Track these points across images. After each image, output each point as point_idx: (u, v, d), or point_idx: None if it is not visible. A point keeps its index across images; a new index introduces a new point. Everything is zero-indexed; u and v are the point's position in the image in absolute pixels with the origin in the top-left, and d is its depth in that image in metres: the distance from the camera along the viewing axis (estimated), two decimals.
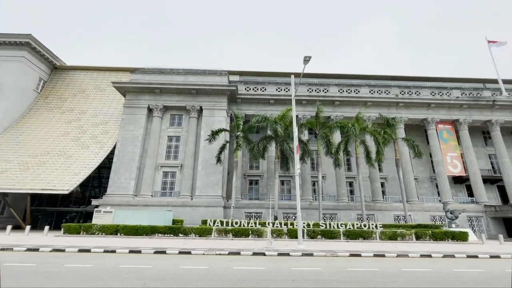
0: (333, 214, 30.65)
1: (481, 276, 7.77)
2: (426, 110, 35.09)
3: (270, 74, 41.04)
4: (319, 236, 18.94)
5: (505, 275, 8.01)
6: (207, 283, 5.96)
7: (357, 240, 18.71)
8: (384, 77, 42.22)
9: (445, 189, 31.90)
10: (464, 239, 19.12)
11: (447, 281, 6.75)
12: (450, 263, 10.19)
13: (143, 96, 32.07)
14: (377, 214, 30.38)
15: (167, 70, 33.60)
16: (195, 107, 31.83)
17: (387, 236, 18.86)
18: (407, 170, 32.55)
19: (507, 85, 40.10)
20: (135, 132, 30.62)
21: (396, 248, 14.93)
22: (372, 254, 11.98)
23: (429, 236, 19.08)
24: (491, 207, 30.23)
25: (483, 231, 30.19)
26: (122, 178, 28.81)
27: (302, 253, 11.86)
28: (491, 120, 34.60)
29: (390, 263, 9.92)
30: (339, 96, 34.69)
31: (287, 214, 30.62)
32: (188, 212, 27.70)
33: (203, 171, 29.49)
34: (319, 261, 10.19)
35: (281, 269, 8.12)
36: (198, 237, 18.64)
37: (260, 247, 13.47)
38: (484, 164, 36.89)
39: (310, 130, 32.98)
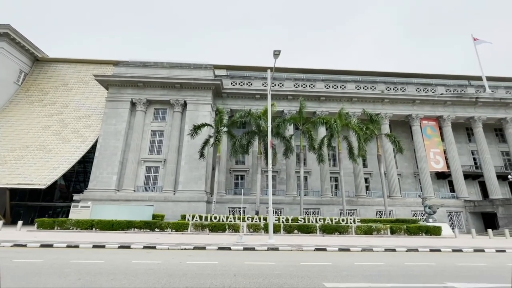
0: (316, 209, 30.92)
1: (429, 269, 7.88)
2: (411, 106, 35.36)
3: (257, 69, 40.72)
4: (296, 231, 19.06)
5: (453, 268, 8.16)
6: (138, 278, 5.92)
7: (332, 235, 18.90)
8: (371, 73, 42.32)
9: (427, 184, 32.38)
10: (438, 234, 19.48)
11: (391, 274, 6.83)
12: (409, 257, 10.34)
13: (126, 90, 31.55)
14: (360, 209, 30.75)
15: (151, 64, 33.04)
16: (179, 101, 31.47)
17: (362, 231, 19.09)
18: (390, 165, 32.93)
19: (492, 82, 40.64)
20: (118, 126, 30.19)
21: (368, 242, 15.11)
22: (338, 248, 12.09)
23: (404, 231, 19.39)
24: (470, 202, 30.84)
25: (462, 225, 30.88)
26: (104, 173, 28.48)
27: (267, 248, 11.91)
28: (473, 117, 35.07)
29: (348, 257, 10.02)
30: (324, 92, 34.69)
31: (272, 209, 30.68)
32: (170, 207, 27.58)
33: (187, 166, 29.33)
34: (280, 255, 10.23)
35: (233, 263, 8.13)
36: (174, 232, 18.61)
37: (230, 242, 13.48)
38: (467, 160, 37.52)
39: (297, 126, 33.02)
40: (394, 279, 6.29)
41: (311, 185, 35.23)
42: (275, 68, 42.69)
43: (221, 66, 40.23)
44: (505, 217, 26.46)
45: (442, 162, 34.15)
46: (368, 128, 27.56)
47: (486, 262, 9.19)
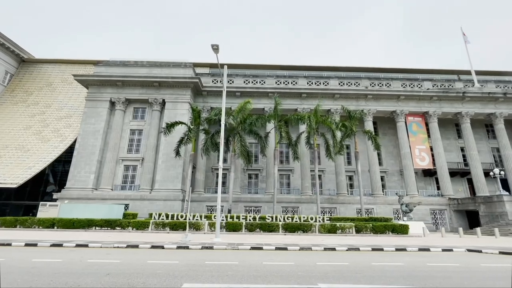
0: (295, 208, 30.54)
1: (333, 268, 7.52)
2: (396, 102, 34.55)
3: (240, 66, 40.40)
4: (258, 229, 18.78)
5: (361, 267, 7.77)
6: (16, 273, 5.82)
7: (294, 233, 18.57)
8: (357, 68, 41.53)
9: (411, 182, 31.64)
10: (405, 232, 18.93)
11: (288, 274, 6.55)
12: (338, 256, 9.94)
13: (106, 89, 31.68)
14: (340, 208, 30.24)
15: (131, 63, 33.10)
16: (158, 100, 31.45)
17: (326, 229, 18.69)
18: (373, 163, 32.28)
19: (482, 76, 39.43)
20: (96, 125, 30.35)
21: (323, 241, 14.73)
22: (275, 247, 11.79)
23: (370, 230, 18.90)
24: (454, 200, 29.99)
25: (446, 224, 30.08)
26: (82, 172, 28.69)
27: (202, 247, 11.69)
28: (461, 112, 34.06)
29: (270, 256, 9.71)
30: (305, 89, 34.17)
31: (249, 208, 30.53)
32: (146, 205, 27.63)
33: (164, 164, 29.31)
34: (203, 254, 10.01)
35: (132, 262, 7.95)
36: (135, 230, 18.57)
37: (175, 241, 13.31)
38: (455, 157, 36.54)
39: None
40: (274, 279, 5.99)
41: (294, 184, 34.82)
42: (259, 65, 42.28)
43: (205, 65, 40.08)
44: (486, 215, 25.61)
45: (428, 159, 33.28)
46: (344, 125, 26.99)
47: (405, 262, 8.77)
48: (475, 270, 7.68)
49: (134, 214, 24.37)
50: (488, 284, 5.99)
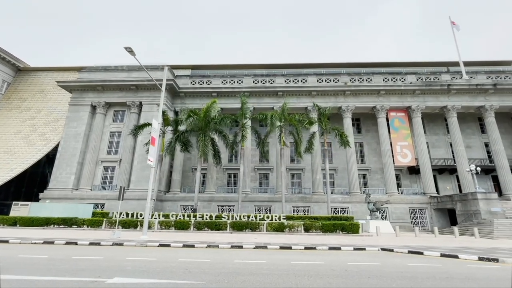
0: (268, 207, 30.40)
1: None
2: (376, 97, 33.45)
3: (221, 67, 40.80)
4: (206, 228, 18.97)
5: (253, 265, 7.72)
6: None
7: (241, 232, 18.58)
8: (336, 64, 40.55)
9: (390, 180, 30.53)
10: (356, 231, 18.38)
11: (185, 271, 6.76)
12: (261, 254, 9.91)
13: (87, 94, 33.13)
14: (313, 206, 29.75)
15: (112, 68, 34.34)
16: (135, 103, 32.46)
17: (273, 228, 18.56)
18: (351, 161, 31.46)
19: (475, 67, 37.26)
20: (78, 128, 31.81)
21: (256, 239, 14.72)
22: (182, 245, 11.96)
23: (319, 228, 18.54)
24: (435, 198, 28.59)
25: (426, 223, 28.75)
26: (63, 173, 30.21)
27: (112, 243, 12.08)
28: (446, 106, 32.38)
29: (172, 253, 9.85)
30: (282, 87, 33.90)
31: (223, 207, 30.76)
32: (121, 205, 28.54)
33: (139, 165, 30.20)
34: (105, 250, 10.36)
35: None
36: (89, 228, 19.37)
37: (95, 238, 13.82)
38: (444, 153, 34.84)
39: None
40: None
41: (272, 183, 34.65)
42: (239, 65, 42.39)
43: (187, 66, 40.81)
44: (462, 213, 24.21)
45: (410, 156, 31.96)
46: (310, 123, 26.55)
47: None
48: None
49: (104, 213, 25.25)
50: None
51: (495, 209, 21.52)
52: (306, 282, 5.77)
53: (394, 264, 8.17)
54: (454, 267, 7.89)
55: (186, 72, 40.05)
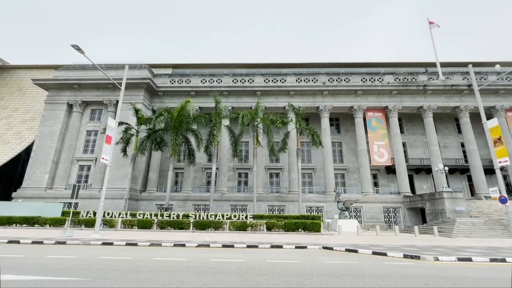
0: (244, 206, 30.43)
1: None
2: (354, 97, 33.64)
3: (202, 66, 40.76)
4: (169, 227, 18.95)
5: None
6: None
7: (204, 231, 18.58)
8: (316, 64, 40.74)
9: (366, 179, 30.75)
10: (317, 230, 18.48)
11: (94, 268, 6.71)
12: (191, 252, 9.92)
13: (64, 92, 32.86)
14: (289, 206, 29.83)
15: (90, 66, 34.01)
16: (112, 101, 32.28)
17: (235, 227, 18.59)
18: (327, 160, 31.60)
19: (453, 68, 37.63)
20: (54, 127, 31.55)
21: (211, 238, 14.75)
22: (125, 243, 11.93)
23: (281, 227, 18.62)
24: (407, 197, 28.86)
25: (400, 222, 28.99)
26: (37, 172, 29.94)
27: (55, 242, 12.02)
28: (423, 106, 32.70)
29: (110, 251, 9.84)
30: (260, 86, 33.95)
31: (198, 206, 30.74)
32: (94, 204, 28.22)
33: (114, 164, 29.84)
34: (38, 249, 10.30)
35: None
36: (52, 228, 19.25)
37: (46, 236, 13.73)
38: (422, 153, 35.15)
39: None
40: None
41: (251, 182, 34.63)
42: (218, 64, 42.41)
43: (168, 65, 40.68)
44: (430, 212, 24.49)
45: (387, 156, 32.19)
46: (283, 123, 26.63)
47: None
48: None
49: (74, 212, 25.10)
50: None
51: (459, 208, 21.79)
52: (192, 279, 5.80)
53: (311, 262, 8.24)
54: (369, 264, 7.98)
55: (167, 71, 39.94)
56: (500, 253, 10.38)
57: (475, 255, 9.41)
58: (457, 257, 8.83)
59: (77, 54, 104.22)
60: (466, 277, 6.38)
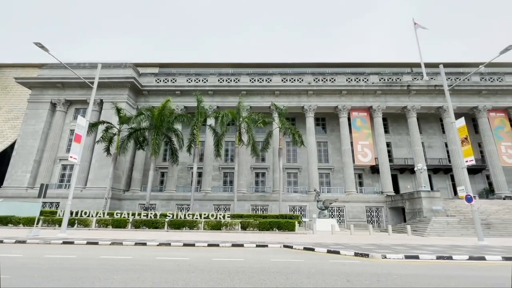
0: (227, 205, 30.39)
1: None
2: (339, 97, 33.75)
3: (189, 65, 40.73)
4: (144, 226, 18.89)
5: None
6: None
7: (179, 230, 18.56)
8: (302, 64, 40.91)
9: (349, 179, 30.85)
10: (292, 229, 18.53)
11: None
12: (145, 251, 9.90)
13: (47, 91, 32.64)
14: (272, 205, 29.85)
15: (74, 65, 33.84)
16: (96, 100, 32.04)
17: (210, 226, 18.58)
18: (311, 160, 31.68)
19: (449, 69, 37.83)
20: (36, 126, 31.33)
21: (182, 237, 14.74)
22: (86, 242, 11.88)
23: (256, 227, 18.63)
24: (389, 197, 29.02)
25: (382, 221, 29.14)
26: (19, 171, 29.72)
27: (16, 241, 11.95)
28: (406, 106, 32.89)
29: (61, 250, 9.79)
30: (245, 86, 33.95)
31: (181, 205, 30.66)
32: (76, 203, 28.02)
33: (97, 163, 29.91)
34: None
35: None
36: (25, 227, 19.13)
37: (9, 236, 13.64)
38: (406, 153, 35.29)
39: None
40: None
41: (238, 181, 34.61)
42: (206, 64, 42.27)
43: (154, 64, 40.62)
44: (410, 212, 24.64)
45: (371, 155, 32.34)
46: (264, 122, 26.66)
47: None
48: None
49: (53, 211, 24.91)
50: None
51: (436, 208, 21.96)
52: (116, 277, 5.78)
53: (256, 260, 8.26)
54: (313, 262, 8.01)
55: (154, 70, 39.86)
56: (457, 251, 10.45)
57: (425, 253, 9.48)
58: (404, 255, 8.89)
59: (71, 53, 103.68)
60: (394, 274, 6.43)
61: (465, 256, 8.89)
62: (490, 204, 24.44)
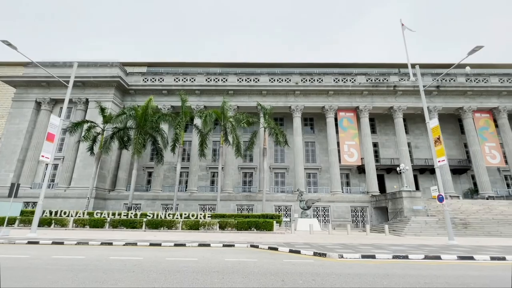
0: (212, 205, 30.31)
1: None
2: (326, 97, 33.83)
3: (177, 65, 40.59)
4: (121, 226, 18.78)
5: None
6: None
7: (156, 230, 18.47)
8: (289, 64, 40.93)
9: (335, 179, 30.95)
10: (270, 229, 18.52)
11: None
12: (105, 251, 9.80)
13: (32, 90, 32.36)
14: (257, 205, 29.82)
15: (60, 64, 33.64)
16: (81, 100, 31.90)
17: (188, 226, 18.52)
18: (298, 160, 31.73)
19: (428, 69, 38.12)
20: (21, 125, 31.05)
21: (155, 237, 14.65)
22: (76, 242, 11.80)
23: (234, 226, 18.60)
24: (374, 197, 29.14)
25: (367, 221, 29.24)
26: (2, 171, 29.42)
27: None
28: (393, 107, 33.06)
29: (23, 250, 9.68)
30: (232, 86, 33.91)
31: (167, 205, 30.54)
32: (59, 203, 28.01)
33: (81, 163, 29.70)
34: None
35: None
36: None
37: None
38: (393, 153, 35.48)
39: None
40: None
41: (223, 181, 34.52)
42: (194, 63, 42.08)
43: (143, 64, 40.45)
44: (392, 211, 24.77)
45: (357, 155, 32.45)
46: (248, 122, 26.63)
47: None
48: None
49: (31, 211, 24.65)
50: None
51: (416, 207, 22.08)
52: (50, 276, 5.72)
53: (210, 259, 8.23)
54: (264, 262, 7.99)
55: (142, 70, 39.72)
56: (420, 250, 10.45)
57: (384, 252, 9.50)
58: (361, 255, 8.90)
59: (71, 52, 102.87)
60: (336, 273, 6.42)
61: (421, 256, 8.92)
62: (472, 204, 24.61)
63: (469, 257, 8.99)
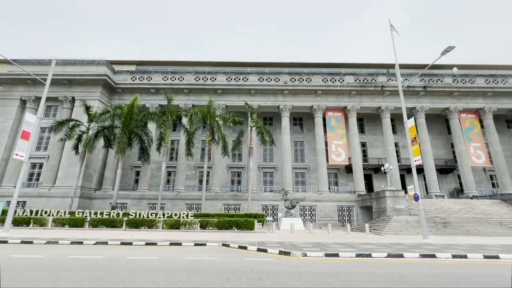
0: (199, 204, 30.16)
1: None
2: (314, 97, 33.93)
3: (167, 63, 40.36)
4: (101, 225, 18.64)
5: None
6: None
7: (137, 229, 18.36)
8: (278, 64, 40.98)
9: (322, 179, 31.06)
10: (251, 228, 18.51)
11: None
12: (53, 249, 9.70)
13: (17, 88, 31.98)
14: (244, 204, 29.79)
15: (46, 61, 33.14)
16: (68, 98, 31.58)
17: (168, 225, 18.44)
18: (285, 160, 31.78)
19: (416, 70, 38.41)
20: (5, 123, 30.66)
21: (132, 236, 14.54)
22: (45, 242, 11.68)
23: (215, 225, 18.56)
24: (360, 196, 29.30)
25: (353, 221, 29.40)
26: None
27: None
28: (380, 107, 33.27)
29: None
30: (221, 85, 33.85)
31: (154, 205, 30.35)
32: (43, 202, 27.70)
33: (66, 162, 29.41)
34: None
35: None
36: None
37: None
38: (381, 153, 35.65)
39: None
40: None
41: (210, 180, 34.46)
42: (183, 62, 41.88)
43: (132, 62, 40.15)
44: (376, 211, 24.93)
45: (344, 155, 32.59)
46: (234, 121, 26.59)
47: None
48: None
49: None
50: None
51: (399, 207, 22.24)
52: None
53: (170, 258, 8.20)
54: (226, 261, 7.97)
55: (131, 68, 39.42)
56: (390, 249, 10.49)
57: (347, 251, 9.53)
58: (325, 253, 8.93)
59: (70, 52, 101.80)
60: (286, 272, 6.42)
61: (384, 254, 8.97)
62: (454, 203, 24.87)
63: (432, 255, 9.06)
